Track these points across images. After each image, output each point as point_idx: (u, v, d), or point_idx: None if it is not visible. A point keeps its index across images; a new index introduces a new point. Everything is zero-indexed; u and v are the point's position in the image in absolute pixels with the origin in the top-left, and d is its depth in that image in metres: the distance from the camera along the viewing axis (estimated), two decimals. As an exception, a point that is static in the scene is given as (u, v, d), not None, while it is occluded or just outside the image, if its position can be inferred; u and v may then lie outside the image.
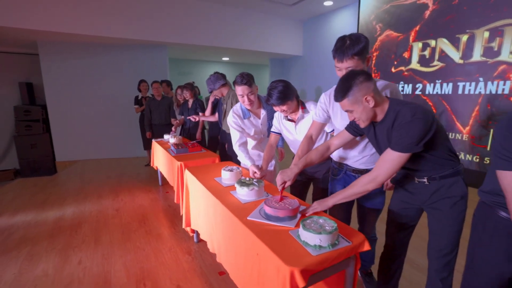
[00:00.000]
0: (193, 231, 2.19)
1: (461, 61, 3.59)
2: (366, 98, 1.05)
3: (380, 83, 1.33)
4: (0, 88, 5.22)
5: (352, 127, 1.30)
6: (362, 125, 1.13)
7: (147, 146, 4.40)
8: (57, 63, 4.83)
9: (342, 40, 1.23)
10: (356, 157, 1.46)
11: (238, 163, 2.13)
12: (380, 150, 1.21)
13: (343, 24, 5.31)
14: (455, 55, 3.64)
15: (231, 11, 5.42)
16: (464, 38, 3.52)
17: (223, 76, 2.83)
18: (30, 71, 5.43)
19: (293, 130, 1.74)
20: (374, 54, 4.69)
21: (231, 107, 2.30)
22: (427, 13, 3.90)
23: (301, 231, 1.04)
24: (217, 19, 5.31)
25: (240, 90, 1.77)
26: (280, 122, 1.80)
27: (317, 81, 6.16)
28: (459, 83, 3.63)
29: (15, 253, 2.10)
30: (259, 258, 1.06)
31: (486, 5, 3.29)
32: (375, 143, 1.22)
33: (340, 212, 1.58)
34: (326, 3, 5.17)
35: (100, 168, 4.69)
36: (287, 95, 1.56)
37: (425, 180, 1.19)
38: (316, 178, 1.81)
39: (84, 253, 2.11)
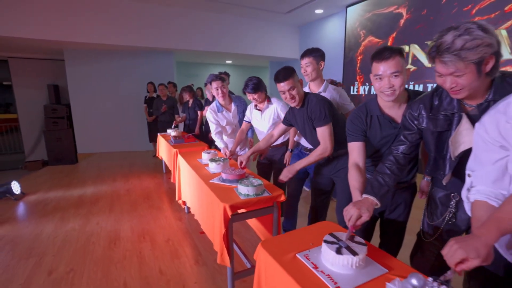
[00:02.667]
0: (184, 203, 2.77)
1: (429, 65, 4.00)
2: (300, 81, 1.61)
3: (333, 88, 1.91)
4: (32, 90, 6.04)
5: (285, 120, 1.84)
6: (295, 103, 1.64)
7: (153, 139, 5.05)
8: (79, 67, 5.57)
9: (307, 49, 1.88)
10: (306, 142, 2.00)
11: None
12: (301, 129, 1.75)
13: (333, 30, 5.76)
14: (425, 60, 4.05)
15: (232, 19, 5.97)
16: (432, 44, 3.93)
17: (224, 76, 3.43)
18: (56, 75, 6.22)
19: (259, 118, 2.30)
20: (359, 58, 5.14)
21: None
22: (402, 21, 4.32)
23: (238, 186, 1.60)
24: (219, 27, 5.88)
25: (215, 84, 2.35)
26: (251, 112, 2.36)
27: (312, 82, 6.63)
28: (428, 84, 4.04)
29: (51, 216, 2.77)
30: (212, 204, 1.62)
31: (448, 16, 3.69)
32: (297, 124, 1.74)
33: (295, 186, 2.10)
34: (317, 11, 5.64)
35: (115, 159, 5.39)
36: (259, 87, 2.13)
37: (330, 156, 1.71)
38: (274, 160, 2.35)
39: (101, 217, 2.74)
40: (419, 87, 4.15)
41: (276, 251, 1.02)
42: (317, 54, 1.85)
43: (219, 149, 2.81)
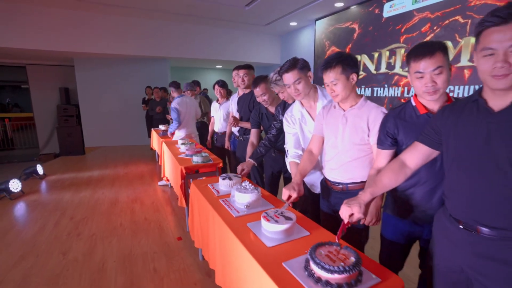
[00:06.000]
0: (167, 180, 3.65)
1: (375, 72, 4.84)
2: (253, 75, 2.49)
3: None
4: (46, 92, 6.98)
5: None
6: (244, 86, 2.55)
7: (150, 135, 5.94)
8: (87, 72, 6.49)
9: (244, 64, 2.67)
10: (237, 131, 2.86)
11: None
12: (240, 110, 2.60)
13: (306, 39, 6.61)
14: (371, 67, 4.89)
15: (219, 30, 6.83)
16: (376, 55, 4.78)
17: (195, 83, 4.32)
18: (67, 79, 7.15)
19: (217, 109, 3.20)
20: (325, 64, 5.98)
21: (201, 105, 3.88)
22: (355, 35, 5.16)
23: (193, 157, 2.47)
24: (208, 37, 6.75)
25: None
26: (213, 106, 3.28)
27: (291, 85, 7.48)
28: (374, 88, 4.88)
29: (68, 189, 3.68)
30: (176, 168, 2.50)
31: (386, 33, 4.53)
32: (240, 107, 2.60)
33: (234, 162, 2.96)
34: (292, 23, 6.49)
35: (117, 151, 6.31)
36: (225, 84, 3.11)
37: (242, 139, 2.57)
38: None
39: (105, 189, 3.64)
40: (368, 91, 5.00)
41: (199, 184, 1.89)
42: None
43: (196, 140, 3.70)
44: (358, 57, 5.14)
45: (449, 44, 3.68)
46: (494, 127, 0.80)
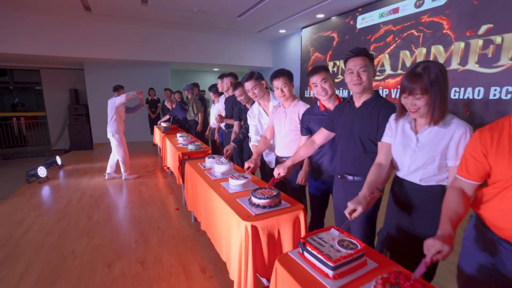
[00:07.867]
0: (167, 168, 4.31)
1: (350, 76, 5.48)
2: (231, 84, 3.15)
3: None
4: (58, 93, 7.66)
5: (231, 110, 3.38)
6: (224, 90, 3.21)
7: (152, 132, 6.60)
8: (95, 75, 7.16)
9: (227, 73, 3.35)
10: (224, 126, 3.54)
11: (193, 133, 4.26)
12: (226, 110, 3.28)
13: (294, 45, 7.27)
14: (348, 72, 5.53)
15: (216, 37, 7.48)
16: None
17: (194, 86, 4.98)
18: (76, 81, 7.82)
19: (213, 108, 3.85)
20: (309, 69, 6.63)
21: (193, 105, 4.51)
22: (334, 43, 5.82)
23: (188, 145, 3.13)
24: (206, 43, 7.41)
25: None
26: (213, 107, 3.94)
27: (281, 86, 8.13)
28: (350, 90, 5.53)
29: (83, 176, 4.35)
30: (175, 155, 3.16)
31: (359, 42, 5.18)
32: (228, 106, 3.27)
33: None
34: (281, 31, 7.15)
35: (122, 146, 6.98)
36: (217, 89, 3.71)
37: (227, 131, 3.24)
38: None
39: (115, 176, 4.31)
40: (345, 92, 5.65)
41: (191, 163, 2.54)
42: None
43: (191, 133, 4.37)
44: (337, 63, 5.80)
45: (406, 53, 4.33)
46: (355, 117, 1.46)
